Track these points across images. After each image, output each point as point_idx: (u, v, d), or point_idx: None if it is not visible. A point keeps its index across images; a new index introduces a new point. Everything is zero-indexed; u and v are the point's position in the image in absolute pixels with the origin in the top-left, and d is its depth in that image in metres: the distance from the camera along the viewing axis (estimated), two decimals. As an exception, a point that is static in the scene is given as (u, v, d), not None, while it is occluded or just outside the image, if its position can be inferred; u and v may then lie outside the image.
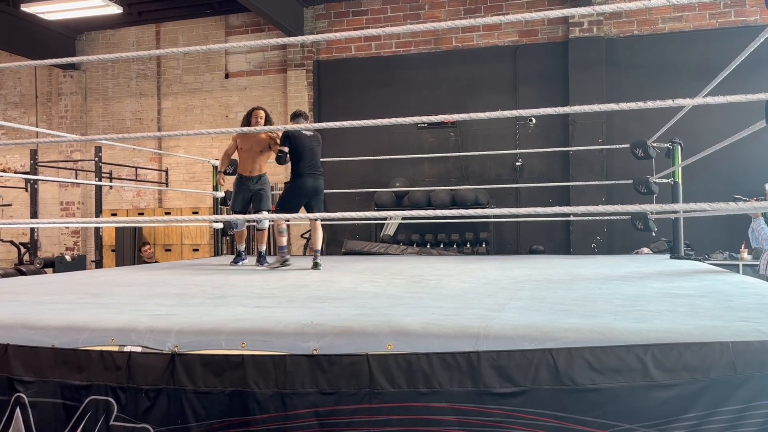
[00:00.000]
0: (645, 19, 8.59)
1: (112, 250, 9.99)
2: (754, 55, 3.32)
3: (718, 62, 3.62)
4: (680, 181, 5.39)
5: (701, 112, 7.47)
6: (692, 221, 6.16)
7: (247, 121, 5.72)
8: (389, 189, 8.80)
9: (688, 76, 8.11)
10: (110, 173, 10.21)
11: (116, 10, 8.85)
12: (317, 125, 3.02)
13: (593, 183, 7.77)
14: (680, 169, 5.40)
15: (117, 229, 9.92)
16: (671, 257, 5.48)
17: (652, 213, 5.40)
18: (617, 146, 6.86)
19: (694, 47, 8.33)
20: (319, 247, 5.25)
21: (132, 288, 3.60)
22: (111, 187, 10.45)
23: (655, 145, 5.56)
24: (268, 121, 5.79)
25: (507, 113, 2.73)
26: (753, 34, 3.01)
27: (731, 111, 7.06)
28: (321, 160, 5.52)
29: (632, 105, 2.44)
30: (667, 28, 8.55)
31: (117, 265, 9.52)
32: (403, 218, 8.59)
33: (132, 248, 9.95)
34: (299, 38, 3.00)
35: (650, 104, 2.39)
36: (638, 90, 8.43)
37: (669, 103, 2.36)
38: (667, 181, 5.53)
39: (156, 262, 9.37)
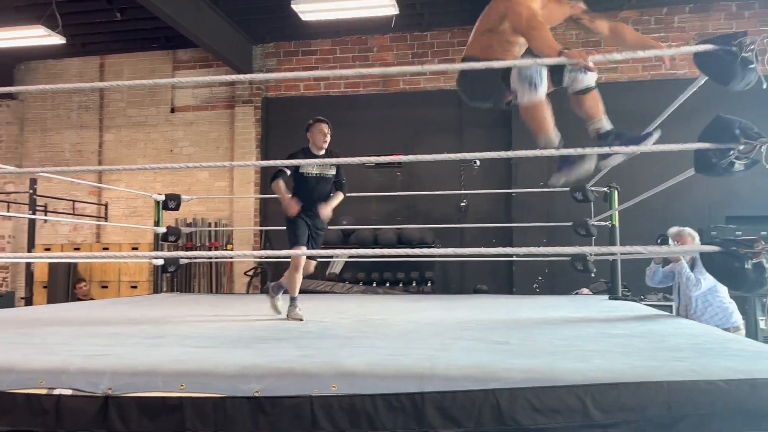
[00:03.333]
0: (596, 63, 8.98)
1: (44, 287, 9.56)
2: (685, 105, 3.52)
3: (651, 110, 3.81)
4: (617, 224, 5.59)
5: (637, 158, 7.80)
6: (629, 263, 6.37)
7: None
8: (336, 227, 8.78)
9: (623, 123, 8.37)
10: (45, 206, 9.85)
11: (59, 40, 8.66)
12: (263, 163, 3.01)
13: (535, 224, 7.96)
14: (617, 212, 5.59)
15: (50, 264, 9.52)
16: (609, 298, 5.63)
17: (590, 255, 5.57)
18: (558, 189, 7.07)
19: (628, 97, 8.74)
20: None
21: (64, 327, 3.44)
22: (46, 221, 10.07)
23: (593, 189, 5.76)
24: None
25: (452, 156, 2.80)
26: (682, 85, 3.19)
27: (665, 158, 7.39)
28: (268, 197, 5.35)
29: (570, 151, 2.53)
30: (604, 78, 8.95)
31: (49, 302, 9.10)
32: (349, 256, 8.57)
33: (66, 285, 9.55)
34: (248, 76, 3.01)
35: (588, 150, 2.49)
36: (578, 134, 8.71)
37: (606, 150, 2.46)
38: (605, 223, 5.72)
39: (91, 299, 9.01)
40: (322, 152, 4.46)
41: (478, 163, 8.97)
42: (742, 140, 2.22)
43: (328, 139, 4.48)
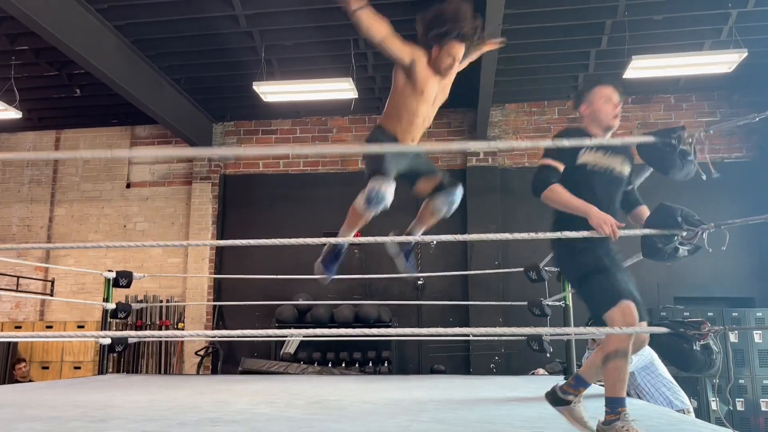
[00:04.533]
0: (535, 152, 9.36)
1: (-20, 367, 9.04)
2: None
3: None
4: (571, 304, 5.67)
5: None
6: (583, 343, 6.45)
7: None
8: (291, 302, 8.66)
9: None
10: (-13, 282, 9.46)
11: (15, 115, 8.60)
12: (219, 242, 2.99)
13: (491, 303, 8.02)
14: (570, 293, 5.69)
15: (-12, 343, 9.04)
16: (565, 378, 5.64)
17: (546, 335, 5.62)
18: (512, 270, 7.19)
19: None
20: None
21: (1, 409, 3.25)
22: (-13, 297, 9.65)
23: (547, 268, 5.87)
24: None
25: (410, 238, 2.84)
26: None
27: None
28: (222, 276, 5.29)
29: (524, 235, 2.62)
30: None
31: (-17, 384, 8.58)
32: (304, 336, 8.41)
33: (4, 366, 9.05)
34: (207, 150, 3.04)
35: (540, 235, 2.57)
36: (530, 215, 8.99)
37: (558, 234, 2.54)
38: (558, 303, 5.81)
39: (31, 381, 8.54)
40: (610, 134, 2.84)
41: (434, 243, 9.08)
42: (685, 227, 2.34)
43: (620, 112, 2.84)
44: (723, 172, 2.78)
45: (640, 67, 7.37)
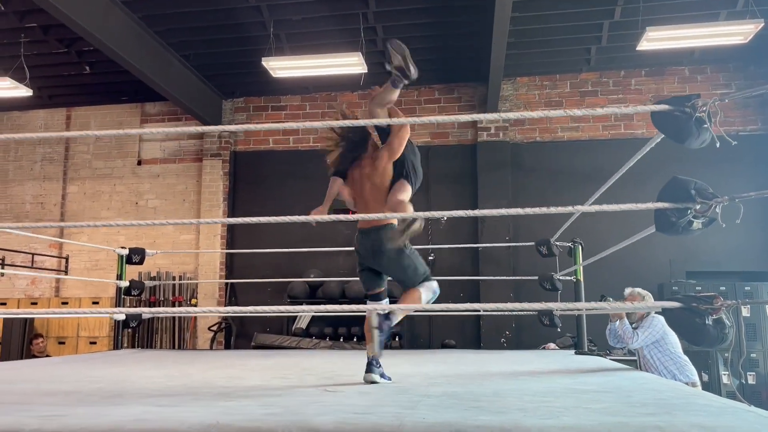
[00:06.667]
0: (546, 127, 9.28)
1: (-2, 343, 9.20)
2: (643, 163, 3.63)
3: (611, 168, 3.93)
4: (582, 279, 5.66)
5: (599, 213, 8.00)
6: (594, 317, 6.45)
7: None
8: (303, 279, 8.71)
9: (585, 180, 8.72)
10: (2, 259, 9.58)
11: (26, 92, 8.62)
12: (232, 220, 3.00)
13: (501, 278, 8.03)
14: (581, 267, 5.68)
15: (5, 320, 9.19)
16: (576, 353, 5.66)
17: (556, 310, 5.62)
18: (523, 244, 7.18)
19: (589, 155, 9.02)
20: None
21: (18, 385, 3.31)
22: (2, 274, 9.77)
23: (558, 243, 5.86)
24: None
25: (419, 214, 2.84)
26: (639, 144, 3.31)
27: (627, 213, 7.60)
28: (234, 252, 5.30)
29: (536, 210, 2.60)
30: (566, 136, 9.26)
31: (2, 359, 8.73)
32: (316, 311, 8.47)
33: (21, 341, 9.20)
34: (218, 128, 3.04)
35: (552, 209, 2.55)
36: (541, 191, 8.96)
37: (569, 209, 2.53)
38: (570, 278, 5.80)
39: (47, 356, 8.68)
40: None
41: (445, 218, 9.08)
42: (698, 200, 2.31)
43: None
44: (737, 145, 2.74)
45: (655, 39, 7.24)
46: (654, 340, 5.09)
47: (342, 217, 3.04)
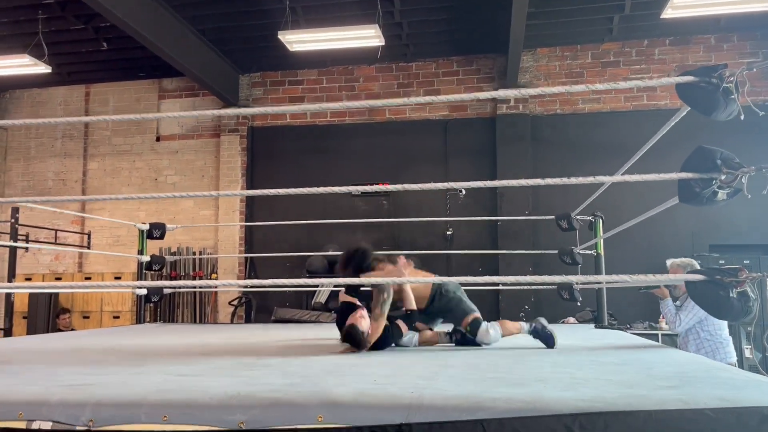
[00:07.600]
0: (566, 99, 9.14)
1: (24, 318, 9.39)
2: (667, 135, 3.56)
3: (634, 141, 3.86)
4: (602, 253, 5.61)
5: (621, 187, 7.88)
6: (615, 291, 6.40)
7: None
8: (321, 253, 8.74)
9: (606, 153, 8.60)
10: (27, 235, 9.72)
11: (45, 69, 8.66)
12: (250, 192, 3.00)
13: (521, 252, 7.99)
14: (602, 241, 5.63)
15: (31, 295, 9.37)
16: (596, 326, 5.64)
17: (576, 283, 5.58)
18: (543, 218, 7.12)
19: (611, 127, 8.88)
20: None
21: (45, 356, 3.37)
22: (27, 249, 9.93)
23: (578, 217, 5.80)
24: None
25: (438, 185, 2.81)
26: (663, 115, 3.23)
27: (649, 186, 7.49)
28: (253, 225, 5.33)
29: (557, 180, 2.56)
30: (587, 108, 9.12)
31: (29, 334, 8.93)
32: (334, 285, 8.52)
33: (47, 316, 9.39)
34: (235, 111, 3.02)
35: (573, 180, 2.51)
36: (561, 164, 8.85)
37: (590, 179, 2.49)
38: (590, 252, 5.75)
39: (73, 330, 8.86)
40: None
41: (463, 192, 9.02)
42: (724, 170, 2.25)
43: None
44: (765, 115, 2.67)
45: (680, 6, 7.04)
46: (698, 320, 4.66)
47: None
